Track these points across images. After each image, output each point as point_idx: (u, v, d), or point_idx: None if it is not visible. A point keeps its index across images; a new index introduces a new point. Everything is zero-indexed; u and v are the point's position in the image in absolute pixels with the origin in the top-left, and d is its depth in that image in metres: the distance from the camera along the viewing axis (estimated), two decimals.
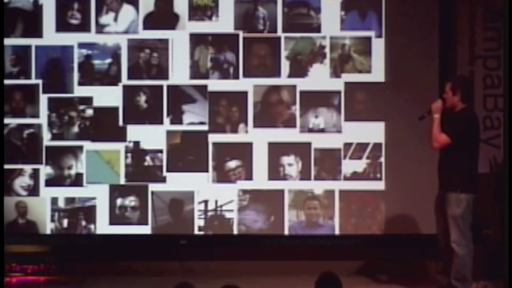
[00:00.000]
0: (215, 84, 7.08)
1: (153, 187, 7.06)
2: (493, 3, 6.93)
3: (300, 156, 7.05)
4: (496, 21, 7.01)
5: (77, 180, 7.08)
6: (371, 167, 7.03)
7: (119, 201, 7.08)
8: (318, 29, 7.08)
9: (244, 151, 7.06)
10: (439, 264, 6.16)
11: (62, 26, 7.13)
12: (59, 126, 7.12)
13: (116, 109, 7.09)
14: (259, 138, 7.05)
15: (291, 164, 7.06)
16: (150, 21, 7.14)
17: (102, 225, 7.07)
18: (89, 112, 7.11)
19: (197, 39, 7.11)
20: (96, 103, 7.10)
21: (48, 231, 7.09)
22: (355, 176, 7.03)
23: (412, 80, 6.96)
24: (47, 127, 7.10)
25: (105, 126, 7.09)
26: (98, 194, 7.07)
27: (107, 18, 7.14)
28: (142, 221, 7.05)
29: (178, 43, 7.10)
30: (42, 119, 7.10)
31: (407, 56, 7.01)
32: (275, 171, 7.05)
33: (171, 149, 7.08)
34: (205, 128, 7.07)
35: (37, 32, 7.12)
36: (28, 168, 7.10)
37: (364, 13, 7.08)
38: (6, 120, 7.05)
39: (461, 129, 5.81)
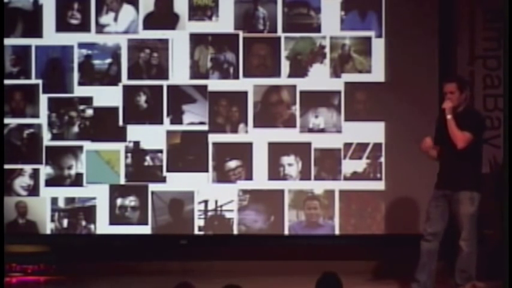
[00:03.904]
0: (215, 84, 7.09)
1: (153, 187, 7.06)
2: (493, 3, 6.93)
3: (300, 156, 7.05)
4: (496, 21, 7.01)
5: (77, 180, 7.08)
6: (371, 167, 7.03)
7: (118, 201, 7.08)
8: (318, 29, 7.08)
9: (244, 151, 7.06)
10: (440, 263, 6.14)
11: (62, 26, 7.13)
12: (59, 126, 7.12)
13: (116, 109, 7.09)
14: (259, 138, 7.06)
15: (291, 164, 7.06)
16: (150, 21, 7.14)
17: (102, 225, 7.07)
18: (89, 112, 7.11)
19: (197, 39, 7.11)
20: (96, 103, 7.10)
21: (48, 231, 7.09)
22: (355, 176, 7.04)
23: (412, 80, 6.96)
24: (47, 127, 7.10)
25: (105, 126, 7.09)
26: (98, 194, 7.07)
27: (107, 18, 7.14)
28: (142, 221, 7.06)
29: (178, 43, 7.10)
30: (42, 119, 7.10)
31: (407, 56, 7.02)
32: (275, 171, 7.06)
33: (171, 149, 7.08)
34: (205, 128, 7.07)
35: (37, 32, 7.12)
36: (28, 168, 7.10)
37: (364, 13, 7.08)
38: (6, 120, 7.05)
39: (480, 126, 5.84)
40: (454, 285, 5.83)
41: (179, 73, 7.10)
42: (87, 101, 7.11)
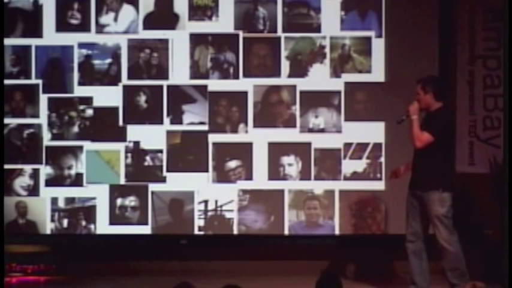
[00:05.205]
0: (215, 84, 7.09)
1: (153, 187, 7.06)
2: (493, 3, 6.93)
3: (300, 156, 7.05)
4: (496, 21, 7.01)
5: (77, 180, 7.08)
6: (371, 167, 7.03)
7: (118, 201, 7.08)
8: (318, 29, 7.08)
9: (244, 151, 7.06)
10: (438, 263, 6.15)
11: (62, 26, 7.13)
12: (59, 126, 7.12)
13: (116, 109, 7.09)
14: (259, 138, 7.06)
15: (291, 164, 7.06)
16: (150, 21, 7.14)
17: (102, 225, 7.07)
18: (89, 112, 7.11)
19: (197, 39, 7.11)
20: (96, 103, 7.10)
21: (48, 231, 7.09)
22: (355, 176, 7.04)
23: (412, 80, 6.92)
24: (47, 127, 7.10)
25: (105, 126, 7.09)
26: (98, 194, 7.07)
27: (107, 18, 7.14)
28: (142, 221, 7.06)
29: (178, 43, 7.10)
30: (42, 119, 7.10)
31: (407, 56, 7.01)
32: (275, 171, 7.05)
33: (171, 149, 7.08)
34: (205, 128, 7.07)
35: (37, 32, 7.12)
36: (28, 168, 7.10)
37: (364, 13, 7.08)
38: (6, 120, 7.05)
39: (441, 127, 5.77)
40: (450, 286, 5.81)
41: (179, 73, 7.10)
42: (87, 101, 7.11)
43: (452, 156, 5.91)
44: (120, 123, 7.08)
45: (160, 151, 7.07)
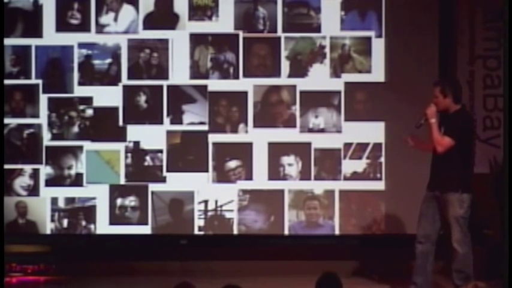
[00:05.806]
0: (215, 84, 7.09)
1: (153, 187, 7.07)
2: (493, 3, 6.93)
3: (300, 156, 7.05)
4: (496, 21, 7.01)
5: (77, 180, 7.08)
6: (371, 167, 7.03)
7: (118, 201, 7.08)
8: (318, 29, 7.09)
9: (244, 151, 7.06)
10: (438, 264, 6.16)
11: (62, 26, 7.13)
12: (59, 126, 7.12)
13: (116, 109, 7.09)
14: (259, 138, 7.06)
15: (291, 164, 7.06)
16: (150, 21, 7.14)
17: (102, 225, 7.07)
18: (89, 112, 7.11)
19: (197, 39, 7.11)
20: (96, 103, 7.10)
21: (48, 231, 7.09)
22: (355, 176, 7.04)
23: (412, 80, 6.96)
24: (47, 127, 7.10)
25: (105, 126, 7.09)
26: (98, 194, 7.07)
27: (107, 18, 7.14)
28: (142, 221, 7.06)
29: (178, 43, 7.10)
30: (42, 119, 7.10)
31: (407, 56, 7.02)
32: (275, 171, 7.06)
33: (171, 149, 7.08)
34: (205, 128, 7.07)
35: (37, 32, 7.12)
36: (28, 168, 7.10)
37: (364, 13, 7.08)
38: (6, 120, 7.04)
39: (462, 130, 5.77)
40: (453, 287, 5.82)
41: (179, 73, 7.10)
42: (87, 101, 7.11)
43: (472, 157, 5.90)
44: (120, 123, 7.08)
45: (160, 151, 7.07)
